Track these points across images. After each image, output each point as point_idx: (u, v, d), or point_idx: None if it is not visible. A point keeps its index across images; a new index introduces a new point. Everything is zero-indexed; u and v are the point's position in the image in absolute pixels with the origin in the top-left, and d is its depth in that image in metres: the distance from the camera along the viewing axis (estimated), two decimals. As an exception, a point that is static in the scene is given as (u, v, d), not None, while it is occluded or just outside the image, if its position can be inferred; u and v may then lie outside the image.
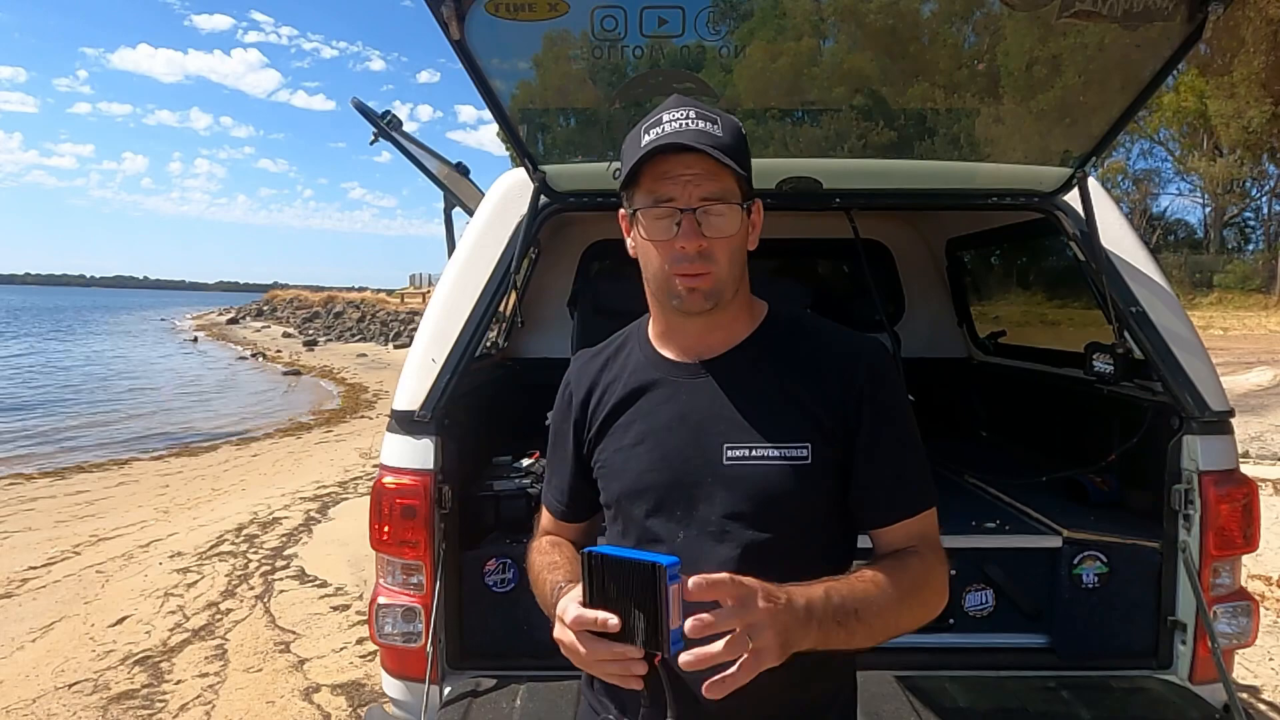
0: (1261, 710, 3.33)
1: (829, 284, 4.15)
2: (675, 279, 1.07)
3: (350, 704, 3.50)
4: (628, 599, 0.91)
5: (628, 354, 1.21)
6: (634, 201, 1.08)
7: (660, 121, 1.06)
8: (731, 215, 1.05)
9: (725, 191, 1.05)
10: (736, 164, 1.03)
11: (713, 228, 1.04)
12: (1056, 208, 2.35)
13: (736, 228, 1.07)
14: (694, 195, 1.04)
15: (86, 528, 6.67)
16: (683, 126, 1.04)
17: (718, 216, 1.04)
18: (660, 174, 1.04)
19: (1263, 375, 12.60)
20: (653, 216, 1.06)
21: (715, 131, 1.04)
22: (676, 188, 1.04)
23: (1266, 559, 4.93)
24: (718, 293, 1.08)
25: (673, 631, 0.88)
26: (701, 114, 1.06)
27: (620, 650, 0.91)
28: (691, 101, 1.08)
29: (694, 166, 1.03)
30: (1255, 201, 36.35)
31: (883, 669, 2.02)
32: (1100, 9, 1.65)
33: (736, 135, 1.07)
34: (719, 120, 1.06)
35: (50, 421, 13.78)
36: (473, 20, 1.65)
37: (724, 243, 1.06)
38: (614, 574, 0.92)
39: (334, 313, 41.15)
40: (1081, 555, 2.18)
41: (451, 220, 3.35)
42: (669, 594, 0.87)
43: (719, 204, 1.04)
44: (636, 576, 0.90)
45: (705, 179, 1.03)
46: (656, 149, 1.03)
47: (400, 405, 2.11)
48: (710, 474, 1.08)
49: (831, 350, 1.12)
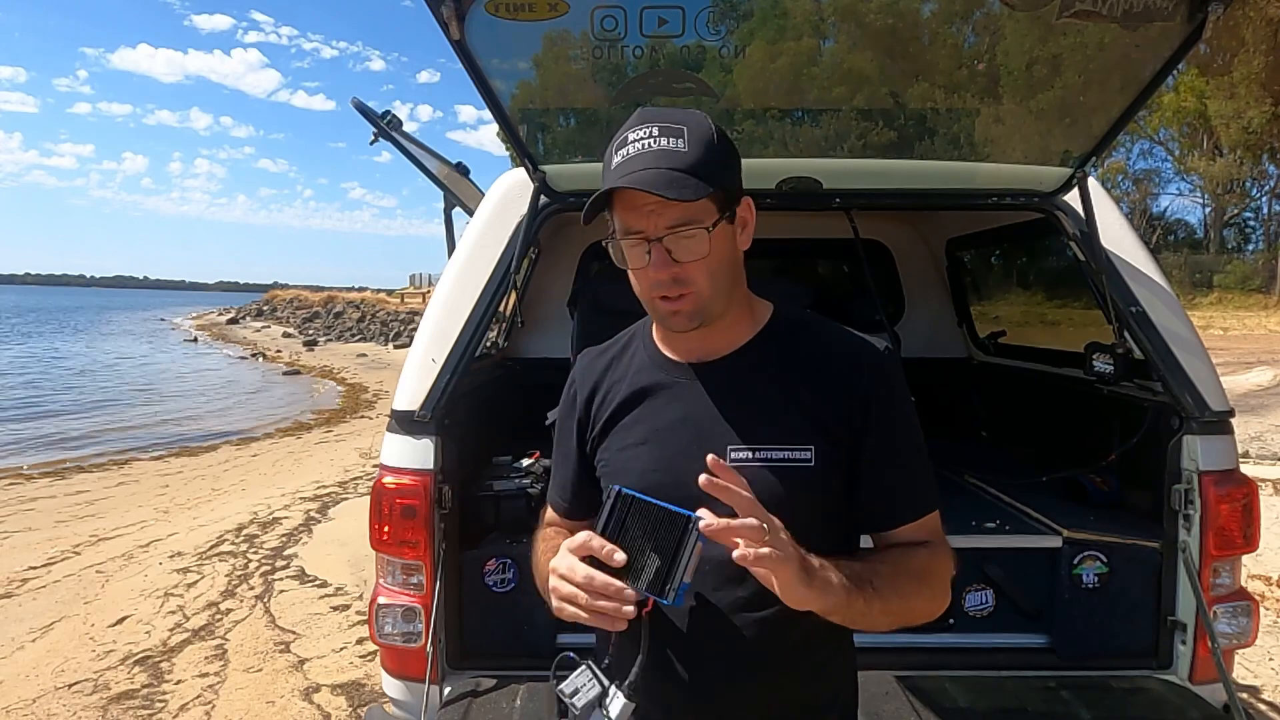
0: (1261, 710, 3.33)
1: (829, 284, 4.15)
2: (658, 302, 1.07)
3: (350, 704, 3.50)
4: (646, 542, 0.93)
5: (632, 353, 1.21)
6: (612, 223, 1.08)
7: (626, 142, 1.03)
8: (700, 238, 1.03)
9: (692, 214, 1.02)
10: (705, 181, 1.00)
11: (684, 251, 1.03)
12: (1056, 208, 2.35)
13: (708, 249, 1.04)
14: (659, 225, 1.02)
15: (86, 528, 6.67)
16: (645, 148, 1.01)
17: (687, 239, 1.03)
18: (627, 205, 1.03)
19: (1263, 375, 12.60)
20: (627, 246, 1.05)
21: (679, 148, 1.01)
22: (642, 219, 1.02)
23: (1266, 559, 4.93)
24: (702, 312, 1.07)
25: (682, 585, 0.91)
26: (667, 128, 1.02)
27: (620, 586, 0.92)
28: (657, 114, 1.05)
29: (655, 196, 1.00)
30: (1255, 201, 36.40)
31: (883, 669, 2.02)
32: (1100, 9, 1.64)
33: (707, 146, 1.02)
34: (685, 133, 1.02)
35: (50, 421, 13.77)
36: (473, 20, 1.65)
37: (699, 264, 1.04)
38: (640, 516, 0.94)
39: (334, 313, 41.16)
40: (1081, 555, 2.18)
41: (451, 220, 3.35)
42: (693, 548, 0.91)
43: (687, 228, 1.02)
44: (664, 523, 0.92)
45: (670, 206, 1.00)
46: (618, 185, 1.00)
47: (400, 405, 2.11)
48: None
49: (836, 352, 1.12)
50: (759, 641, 1.07)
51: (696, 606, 1.08)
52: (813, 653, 1.12)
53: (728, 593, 1.07)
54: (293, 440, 11.68)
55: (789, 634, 1.08)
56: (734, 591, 1.07)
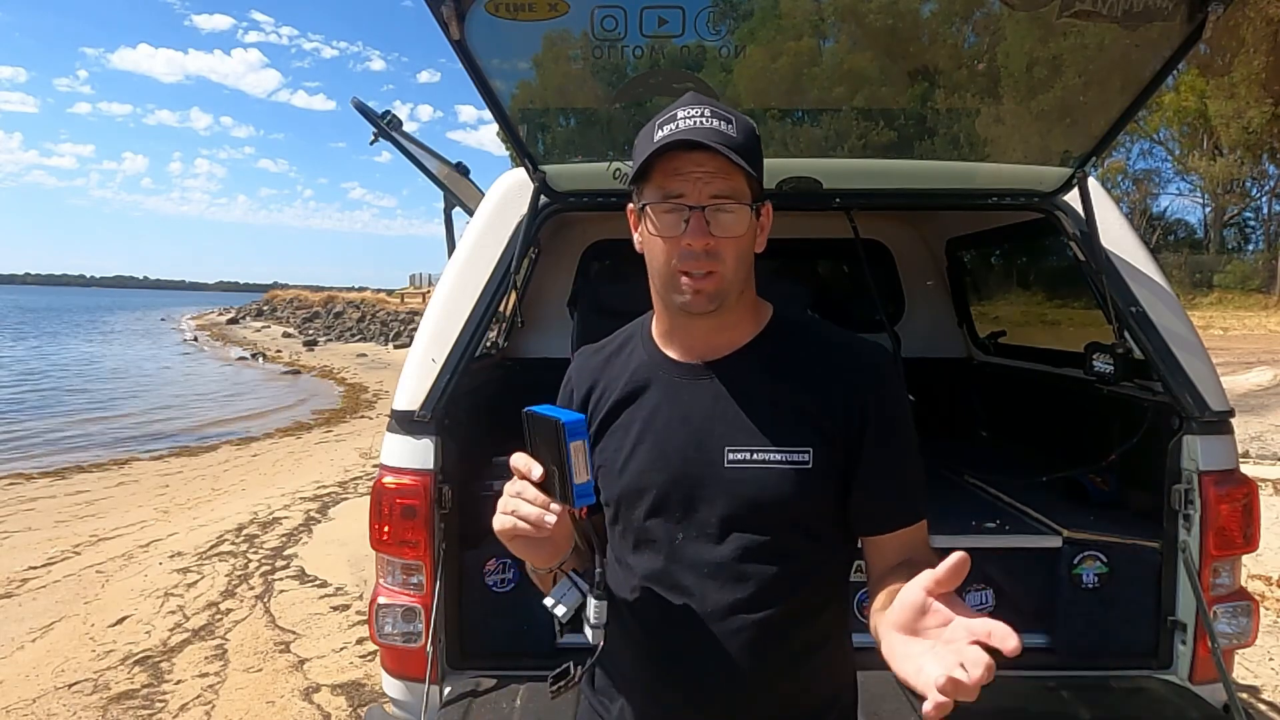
0: (1261, 710, 3.33)
1: (829, 284, 4.15)
2: (681, 278, 1.06)
3: (350, 704, 3.50)
4: (548, 455, 0.98)
5: (630, 352, 1.20)
6: (643, 196, 1.07)
7: (674, 118, 1.04)
8: (741, 215, 1.04)
9: (736, 191, 1.04)
10: (749, 165, 1.02)
11: (721, 226, 1.04)
12: (1056, 208, 2.35)
13: (745, 228, 1.06)
14: (704, 193, 1.03)
15: (86, 528, 6.66)
16: (697, 124, 1.03)
17: (727, 215, 1.04)
18: (671, 170, 1.04)
19: (1263, 375, 12.60)
20: (661, 211, 1.05)
21: (729, 131, 1.03)
22: (687, 184, 1.03)
23: (1266, 559, 4.93)
24: (722, 294, 1.07)
25: (577, 486, 0.96)
26: (716, 112, 1.05)
27: (545, 499, 0.99)
28: (707, 99, 1.07)
29: (705, 164, 1.03)
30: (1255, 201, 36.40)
31: (883, 669, 2.02)
32: (1100, 9, 1.64)
33: (750, 136, 1.06)
34: (734, 120, 1.05)
35: (50, 421, 13.76)
36: (473, 20, 1.64)
37: (732, 243, 1.05)
38: (536, 429, 1.00)
39: (334, 313, 41.15)
40: (1081, 555, 2.18)
41: (451, 220, 3.35)
42: (569, 450, 0.95)
43: (729, 202, 1.03)
44: (546, 431, 0.98)
45: (716, 177, 1.03)
46: (669, 145, 1.02)
47: (400, 405, 2.11)
48: (711, 476, 1.08)
49: (835, 355, 1.12)
50: (759, 643, 1.07)
51: (696, 607, 1.08)
52: (813, 654, 1.12)
53: (727, 594, 1.07)
54: (293, 440, 11.67)
55: (789, 636, 1.07)
56: (734, 592, 1.06)
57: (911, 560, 1.09)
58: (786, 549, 1.08)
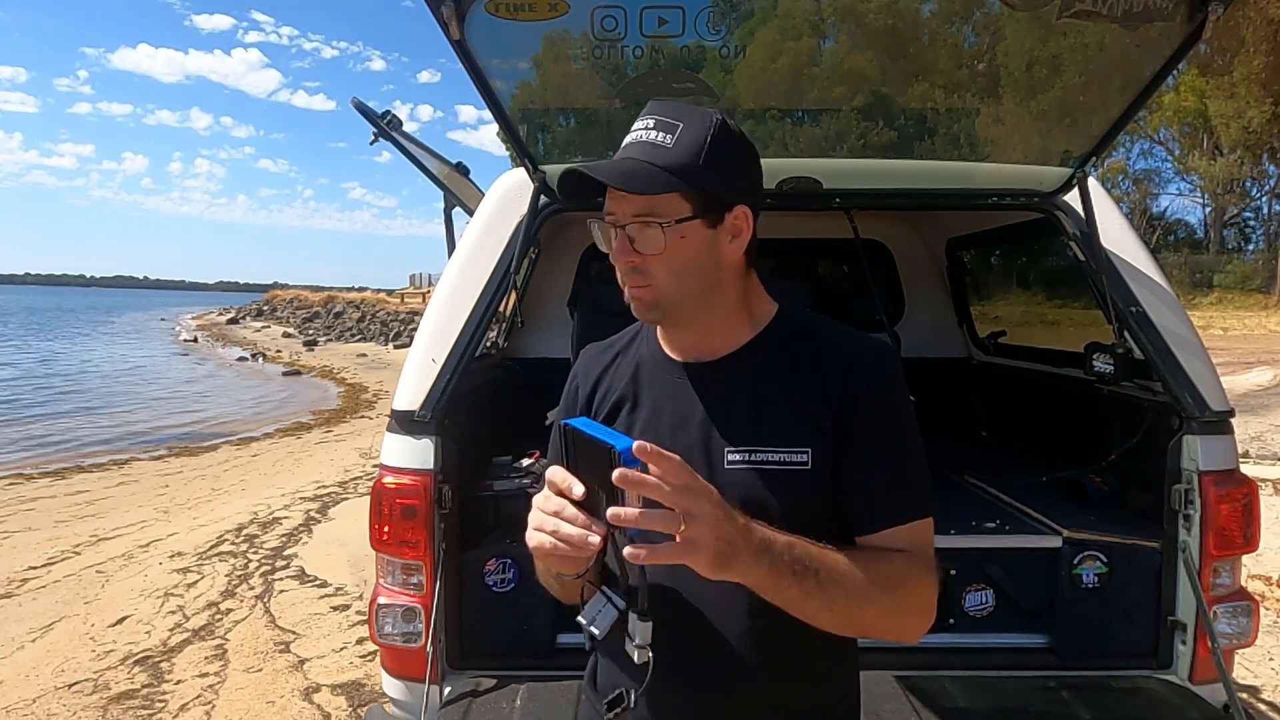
0: (1261, 710, 3.33)
1: (829, 284, 4.15)
2: (626, 288, 1.09)
3: (350, 704, 3.50)
4: (592, 476, 0.92)
5: (635, 351, 1.21)
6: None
7: (632, 130, 1.07)
8: (659, 233, 1.04)
9: (653, 208, 1.03)
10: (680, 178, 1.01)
11: (645, 243, 1.05)
12: (1056, 208, 2.35)
13: (663, 245, 1.04)
14: (626, 212, 1.05)
15: (86, 528, 6.67)
16: (637, 139, 1.05)
17: (647, 232, 1.04)
18: (609, 189, 1.07)
19: (1263, 375, 12.61)
20: (604, 228, 1.09)
21: (665, 143, 1.03)
22: (615, 203, 1.06)
23: (1266, 559, 4.93)
24: (661, 306, 1.08)
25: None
26: (661, 123, 1.04)
27: (587, 518, 0.91)
28: (663, 109, 1.06)
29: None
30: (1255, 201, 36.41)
31: (883, 669, 2.02)
32: (1100, 9, 1.64)
33: (695, 146, 1.03)
34: (678, 130, 1.03)
35: (50, 422, 13.77)
36: (473, 20, 1.65)
37: (657, 259, 1.05)
38: (581, 449, 0.93)
39: (334, 313, 41.16)
40: (1081, 555, 2.18)
41: (451, 220, 3.35)
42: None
43: (645, 219, 1.04)
44: (598, 455, 0.90)
45: (631, 196, 1.04)
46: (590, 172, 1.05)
47: (400, 405, 2.11)
48: (711, 478, 1.07)
49: (834, 351, 1.10)
50: (760, 646, 1.06)
51: (696, 610, 1.07)
52: (814, 658, 1.11)
53: (728, 597, 1.06)
54: (293, 440, 11.68)
55: (791, 639, 1.07)
56: (734, 596, 1.06)
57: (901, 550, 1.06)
58: None
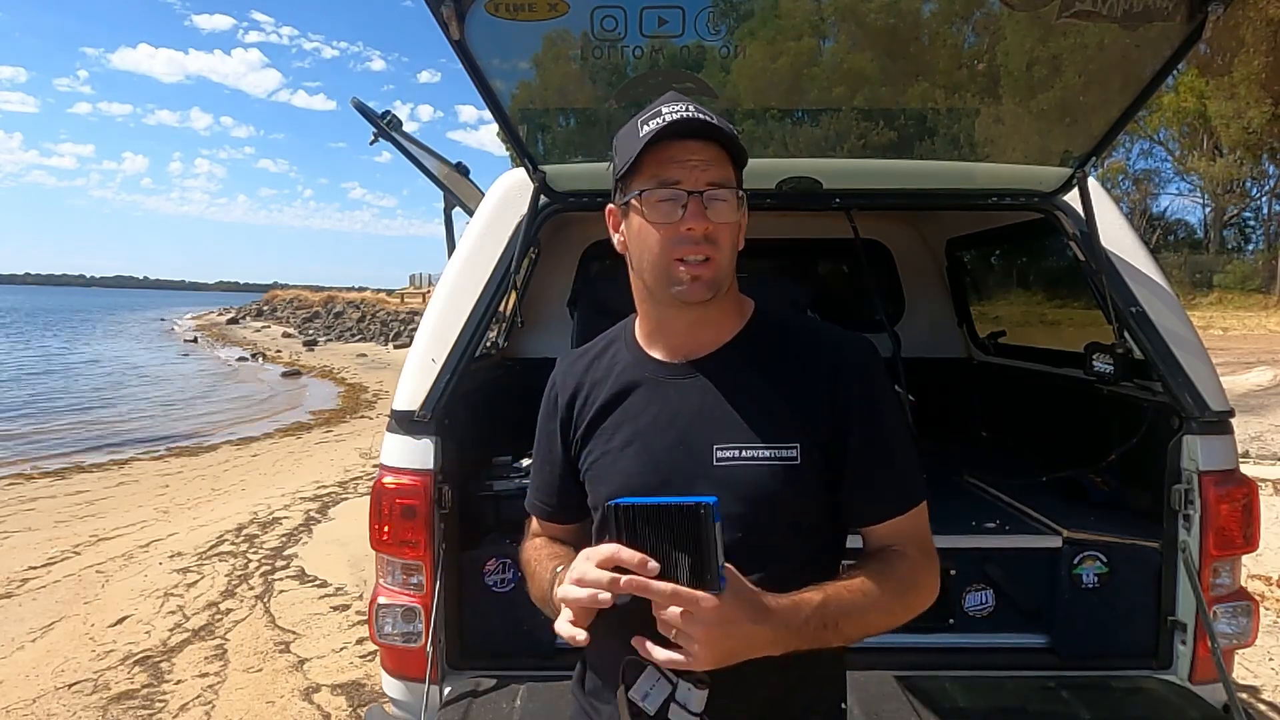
0: (1261, 710, 3.33)
1: (829, 284, 4.15)
2: (677, 266, 1.06)
3: (350, 704, 3.50)
4: (666, 543, 0.91)
5: (614, 354, 1.20)
6: (633, 188, 1.07)
7: (659, 114, 1.06)
8: (733, 203, 1.06)
9: (729, 179, 1.07)
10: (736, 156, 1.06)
11: (717, 213, 1.05)
12: (1056, 208, 2.35)
13: (739, 215, 1.08)
14: (701, 179, 1.04)
15: (86, 528, 6.66)
16: (684, 117, 1.04)
17: (722, 202, 1.05)
18: (666, 159, 1.05)
19: (1263, 375, 12.61)
20: (657, 199, 1.05)
21: (715, 123, 1.06)
22: (684, 171, 1.04)
23: (1266, 559, 4.93)
24: (718, 283, 1.07)
25: (720, 569, 0.90)
26: (699, 109, 1.07)
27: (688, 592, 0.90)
28: (687, 98, 1.09)
29: (700, 153, 1.05)
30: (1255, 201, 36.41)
31: (883, 669, 2.02)
32: (1100, 9, 1.65)
33: (732, 130, 1.09)
34: (716, 116, 1.08)
35: (50, 422, 13.77)
36: (473, 20, 1.65)
37: (727, 229, 1.06)
38: (649, 520, 0.92)
39: (334, 313, 41.16)
40: (1081, 555, 2.18)
41: (451, 220, 3.36)
42: (717, 530, 0.89)
43: (724, 189, 1.05)
44: (677, 519, 0.90)
45: (711, 165, 1.05)
46: (664, 133, 1.03)
47: (400, 405, 2.11)
48: (700, 476, 1.07)
49: (818, 348, 1.12)
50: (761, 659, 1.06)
51: None
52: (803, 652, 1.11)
53: None
54: (293, 440, 11.67)
55: None
56: None
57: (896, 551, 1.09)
58: (776, 545, 1.07)
